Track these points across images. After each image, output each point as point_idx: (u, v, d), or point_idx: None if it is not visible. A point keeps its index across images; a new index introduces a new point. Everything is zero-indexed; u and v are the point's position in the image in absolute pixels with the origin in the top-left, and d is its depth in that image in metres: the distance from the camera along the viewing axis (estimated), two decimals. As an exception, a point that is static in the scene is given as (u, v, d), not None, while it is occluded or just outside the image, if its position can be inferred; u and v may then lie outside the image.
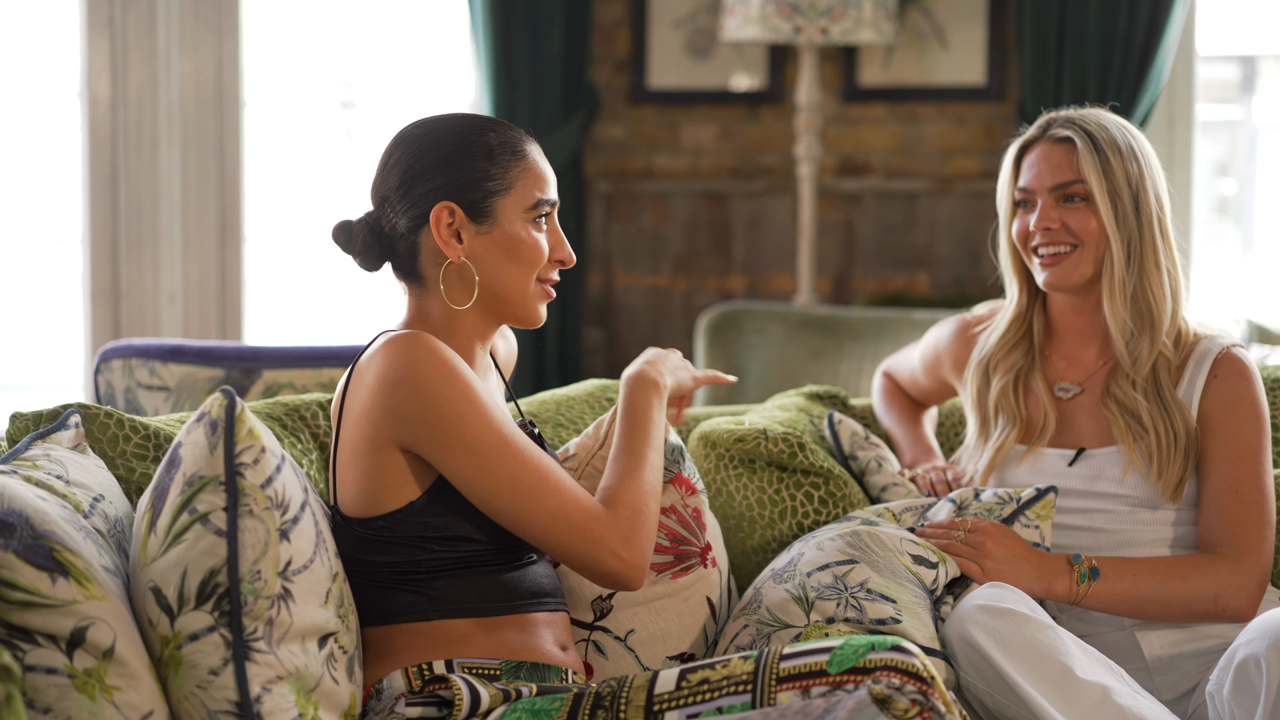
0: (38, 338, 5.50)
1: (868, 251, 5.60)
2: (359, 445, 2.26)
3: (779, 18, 5.01)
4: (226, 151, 5.40)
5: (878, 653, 2.07)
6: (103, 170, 5.31)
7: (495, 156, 2.34)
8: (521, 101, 5.46)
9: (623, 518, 2.30)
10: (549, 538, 2.26)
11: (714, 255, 5.69)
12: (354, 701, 2.20)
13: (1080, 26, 5.12)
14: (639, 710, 2.10)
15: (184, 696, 2.03)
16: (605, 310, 5.75)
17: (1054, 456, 2.82)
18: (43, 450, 2.31)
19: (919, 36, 5.47)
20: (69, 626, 1.97)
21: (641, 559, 2.30)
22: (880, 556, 2.56)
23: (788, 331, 4.89)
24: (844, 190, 5.58)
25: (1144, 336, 2.76)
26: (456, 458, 2.23)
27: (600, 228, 5.73)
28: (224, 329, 5.45)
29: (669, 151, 5.68)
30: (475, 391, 2.24)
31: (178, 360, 3.36)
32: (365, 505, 2.28)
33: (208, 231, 5.40)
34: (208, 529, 2.05)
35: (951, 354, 3.01)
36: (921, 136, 5.53)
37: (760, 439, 2.85)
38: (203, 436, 2.09)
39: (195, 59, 5.34)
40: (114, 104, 5.29)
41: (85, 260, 5.35)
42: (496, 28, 5.39)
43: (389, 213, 2.35)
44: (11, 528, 1.96)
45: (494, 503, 2.24)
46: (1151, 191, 2.75)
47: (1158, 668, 2.69)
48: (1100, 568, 2.65)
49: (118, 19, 5.27)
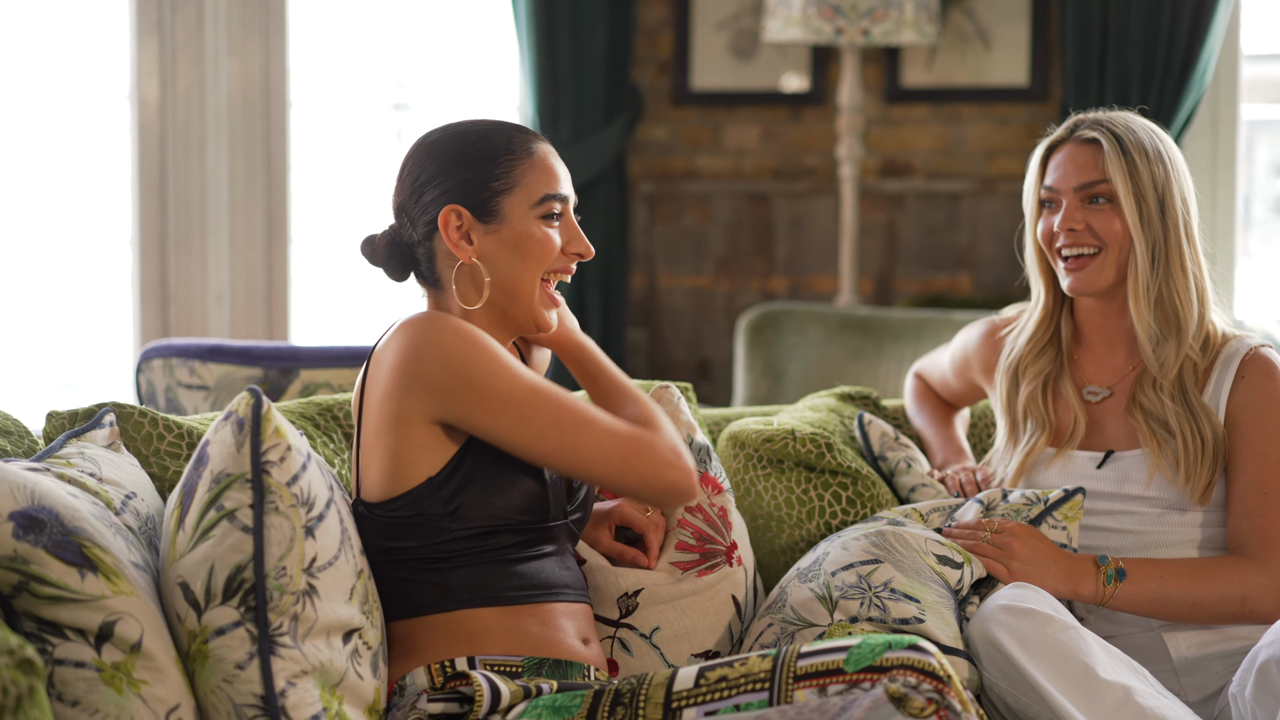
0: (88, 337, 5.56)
1: (910, 252, 5.60)
2: (382, 424, 2.30)
3: (820, 19, 5.02)
4: (273, 153, 5.46)
5: (894, 651, 2.08)
6: (151, 171, 5.37)
7: (497, 157, 2.38)
8: (565, 103, 5.50)
9: (662, 430, 2.35)
10: (604, 467, 2.30)
11: (756, 256, 5.70)
12: (378, 696, 2.23)
13: (1123, 26, 5.10)
14: (658, 707, 2.13)
15: (210, 690, 2.07)
16: (648, 311, 5.77)
17: (1083, 459, 2.83)
18: (77, 448, 2.36)
19: (962, 37, 5.47)
20: (97, 621, 2.01)
21: (692, 465, 2.35)
22: (905, 556, 2.57)
23: (827, 332, 4.90)
24: (886, 191, 5.59)
25: (1170, 340, 2.76)
26: (494, 411, 2.26)
27: (643, 228, 5.75)
28: (270, 329, 5.51)
29: (712, 152, 5.70)
30: (497, 350, 2.29)
31: (217, 360, 3.41)
32: (386, 486, 2.31)
33: (254, 232, 5.46)
34: (234, 526, 2.09)
35: (980, 357, 3.02)
36: (964, 137, 5.52)
37: (788, 439, 2.87)
38: (230, 435, 2.13)
39: (243, 61, 5.40)
40: (163, 106, 5.35)
41: (134, 260, 5.41)
42: (540, 29, 5.42)
43: (406, 222, 2.41)
44: (41, 524, 2.00)
45: (541, 445, 2.28)
46: (1178, 195, 2.75)
47: (1185, 669, 2.69)
48: (1127, 569, 2.65)
49: (167, 22, 5.33)
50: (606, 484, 2.33)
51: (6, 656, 1.66)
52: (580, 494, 2.49)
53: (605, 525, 2.63)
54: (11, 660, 1.66)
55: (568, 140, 5.50)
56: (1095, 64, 5.16)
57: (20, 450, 2.46)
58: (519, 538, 2.35)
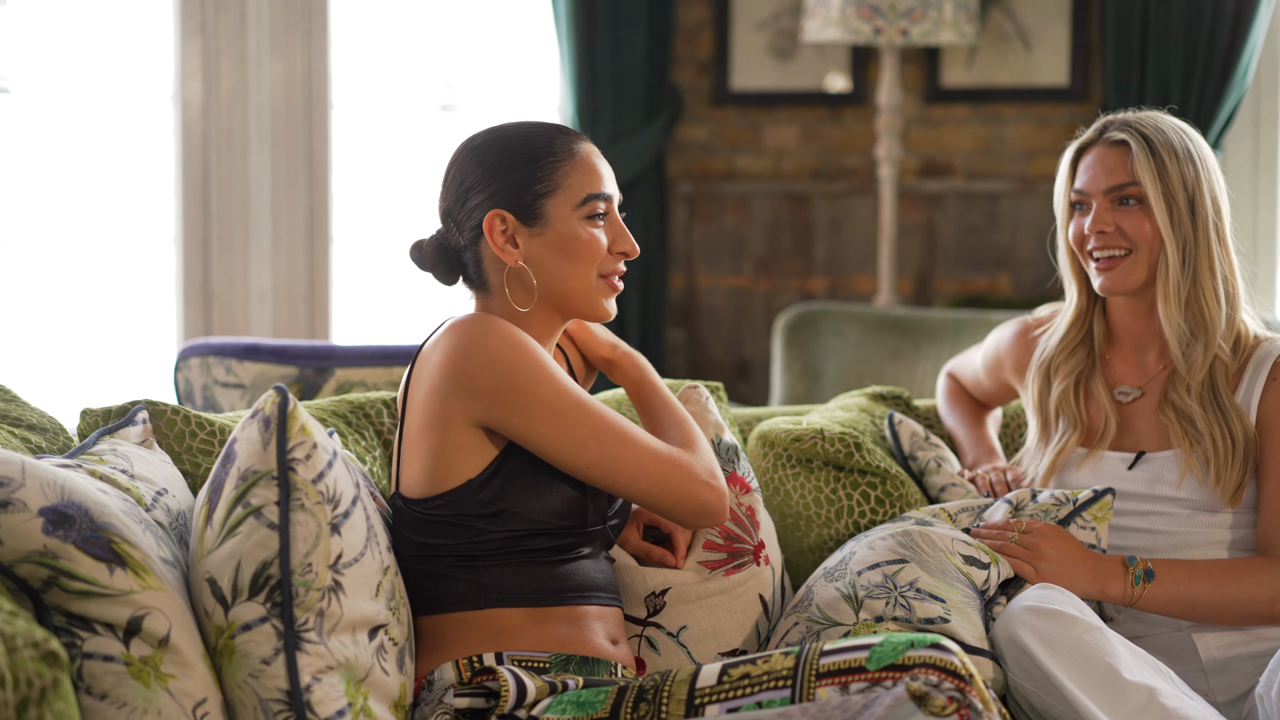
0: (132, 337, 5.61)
1: (949, 252, 5.59)
2: (425, 422, 2.33)
3: (859, 19, 5.02)
4: (315, 153, 5.50)
5: (917, 650, 2.09)
6: (194, 172, 5.42)
7: (539, 160, 2.40)
8: (604, 103, 5.51)
9: (701, 453, 2.40)
10: (640, 483, 2.33)
11: (795, 256, 5.71)
12: (404, 692, 2.25)
13: (1164, 26, 5.09)
14: (680, 703, 2.14)
15: (237, 685, 2.09)
16: (687, 311, 5.78)
17: (1114, 460, 2.83)
18: (109, 445, 2.38)
19: (1002, 37, 5.46)
20: (126, 615, 2.03)
21: (725, 488, 2.42)
22: (931, 556, 2.57)
23: (865, 332, 4.90)
24: (926, 191, 5.58)
25: (1199, 341, 2.75)
26: (537, 420, 2.29)
27: (683, 229, 5.77)
28: (311, 328, 5.55)
29: (751, 153, 5.71)
30: (544, 359, 2.32)
31: (253, 358, 3.44)
32: (426, 485, 2.34)
33: (296, 232, 5.50)
34: (261, 522, 2.11)
35: (1012, 356, 3.02)
36: (1004, 137, 5.52)
37: (817, 439, 2.88)
38: (256, 433, 2.15)
39: (285, 63, 5.43)
40: (206, 107, 5.40)
41: (177, 260, 5.45)
42: (580, 30, 5.44)
43: (452, 227, 2.44)
44: (71, 520, 2.02)
45: (581, 458, 2.31)
46: (1208, 195, 2.75)
47: (1214, 669, 2.68)
48: (1155, 570, 2.65)
49: (209, 24, 5.37)
50: (640, 500, 2.37)
51: (31, 649, 1.69)
52: (620, 500, 2.50)
53: (633, 524, 2.65)
54: (36, 653, 1.69)
55: (607, 141, 5.51)
56: (1136, 64, 5.15)
57: (55, 447, 2.49)
58: (555, 541, 2.37)
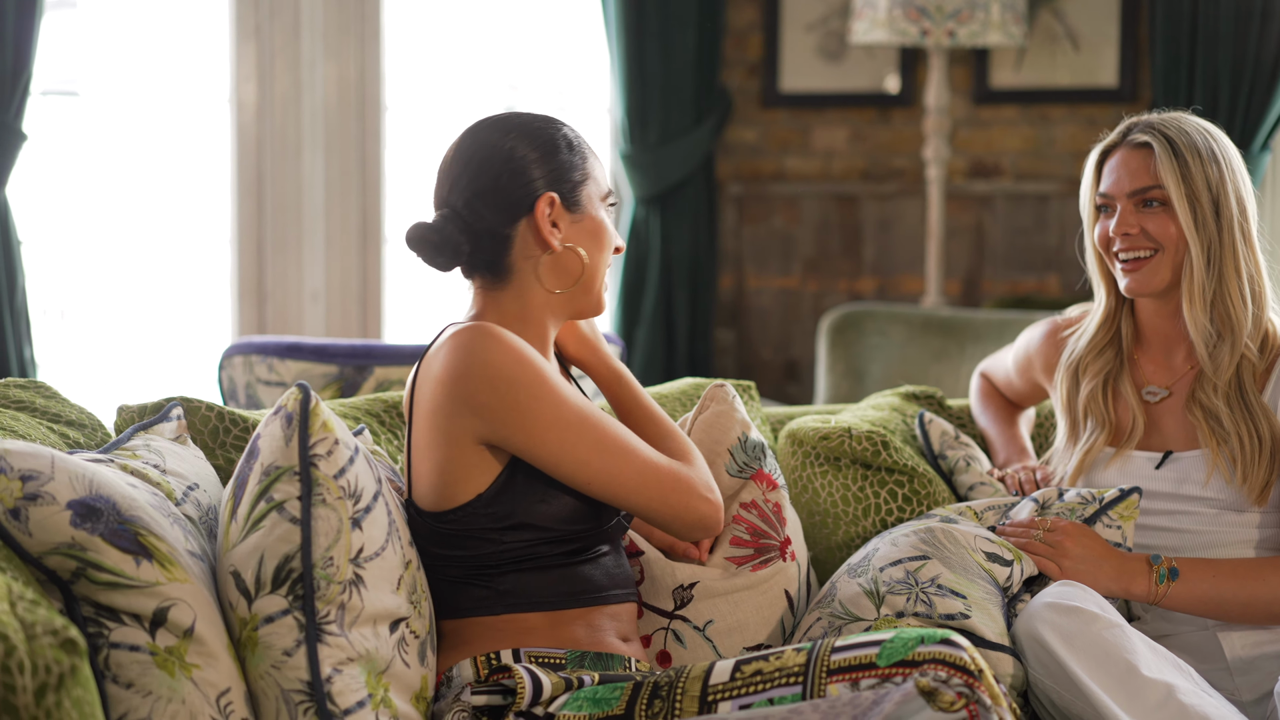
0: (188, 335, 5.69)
1: (998, 253, 5.60)
2: (430, 438, 2.35)
3: (906, 21, 5.04)
4: (368, 155, 5.56)
5: (927, 646, 2.10)
6: (249, 173, 5.49)
7: (575, 150, 2.44)
8: (654, 105, 5.55)
9: (698, 466, 2.44)
10: (641, 496, 2.36)
11: (844, 257, 5.72)
12: (425, 684, 2.29)
13: (1212, 26, 5.07)
14: (694, 700, 2.17)
15: (260, 676, 2.14)
16: (736, 311, 5.81)
17: (1141, 459, 2.83)
18: (143, 441, 2.44)
19: (1051, 38, 5.46)
20: (152, 606, 2.08)
21: (720, 500, 2.46)
22: (953, 553, 2.59)
23: (909, 333, 4.91)
24: (975, 192, 5.59)
25: (1225, 341, 2.76)
26: (539, 435, 2.31)
27: (732, 230, 5.79)
28: (364, 327, 5.61)
29: (800, 154, 5.73)
30: (545, 372, 2.32)
31: (294, 357, 3.49)
32: (437, 500, 2.36)
33: (349, 233, 5.56)
34: (283, 517, 2.15)
35: (1042, 356, 3.03)
36: (1053, 138, 5.51)
37: (844, 437, 2.90)
38: (279, 429, 2.19)
39: (339, 65, 5.50)
40: (260, 109, 5.47)
41: (233, 260, 5.53)
42: (629, 31, 5.48)
43: (480, 209, 2.41)
44: (99, 512, 2.07)
45: (584, 472, 2.33)
46: (1232, 195, 2.75)
47: (1239, 668, 2.69)
48: (1180, 568, 2.66)
49: (265, 27, 5.45)
50: (640, 513, 2.39)
51: (50, 637, 1.74)
52: None
53: None
54: (55, 640, 1.74)
55: (657, 142, 5.55)
56: (1185, 64, 5.14)
57: (93, 442, 2.55)
58: (570, 545, 2.40)
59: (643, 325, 5.63)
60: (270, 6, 5.43)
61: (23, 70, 4.54)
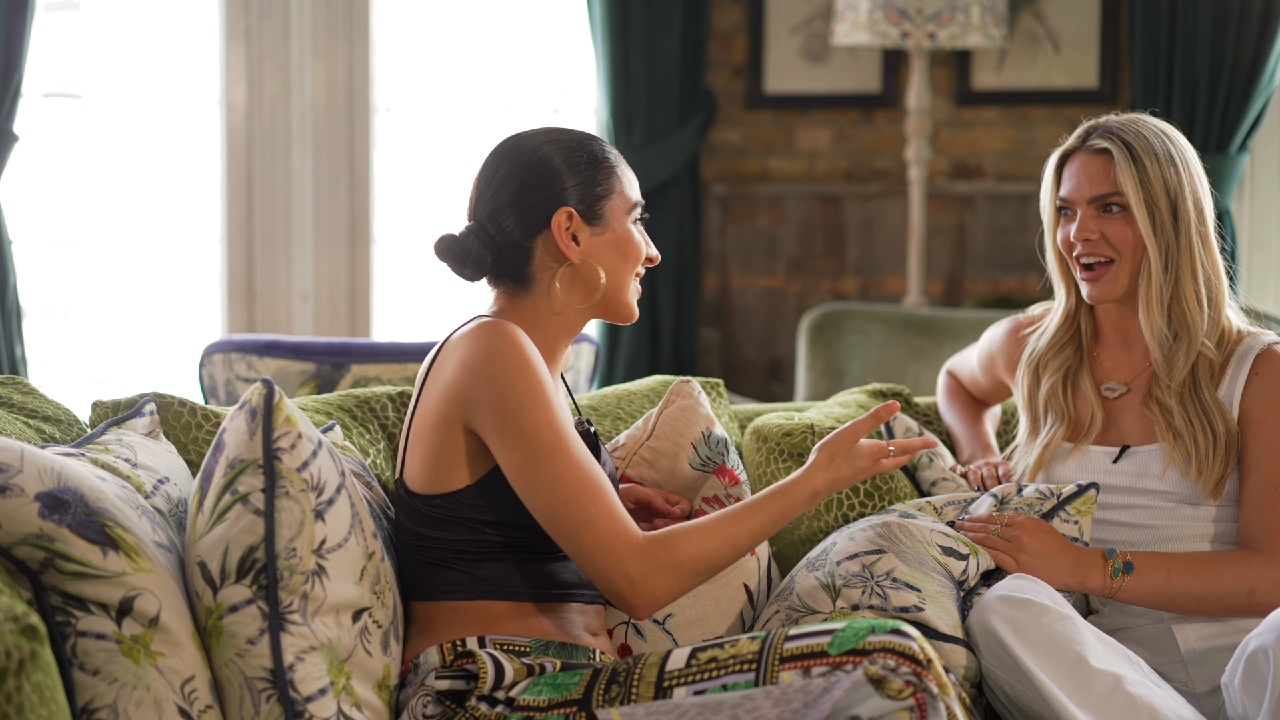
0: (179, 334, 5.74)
1: (979, 253, 5.65)
2: (432, 421, 2.41)
3: (887, 23, 5.08)
4: (356, 155, 5.61)
5: (877, 635, 2.16)
6: (239, 173, 5.55)
7: (599, 164, 2.50)
8: (639, 106, 5.60)
9: (659, 559, 2.34)
10: (572, 542, 2.35)
11: (828, 257, 5.77)
12: (388, 673, 2.35)
13: (1191, 29, 5.12)
14: (650, 686, 2.22)
15: (224, 664, 2.19)
16: (721, 310, 5.86)
17: (1099, 454, 2.88)
18: (116, 435, 2.49)
19: (1032, 40, 5.51)
20: (118, 596, 2.13)
21: (654, 596, 2.35)
22: (908, 547, 2.64)
23: (888, 332, 4.96)
24: (956, 193, 5.64)
25: (1181, 342, 2.81)
26: (509, 446, 2.36)
27: (716, 230, 5.85)
28: (353, 327, 5.66)
29: (784, 155, 5.78)
30: (544, 389, 2.37)
31: (273, 354, 3.55)
32: (427, 482, 2.42)
33: (338, 233, 5.62)
34: (247, 509, 2.21)
35: (1005, 354, 3.08)
36: (1034, 139, 5.56)
37: (807, 433, 2.95)
38: (243, 423, 2.25)
39: (327, 67, 5.56)
40: (250, 110, 5.53)
41: (222, 260, 5.59)
42: (615, 33, 5.53)
43: (503, 222, 2.48)
44: (66, 504, 2.13)
45: (534, 498, 2.36)
46: (1190, 198, 2.80)
47: (1193, 660, 2.74)
48: (1135, 562, 2.71)
49: (254, 29, 5.50)
50: (570, 555, 2.37)
51: (11, 623, 1.79)
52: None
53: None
54: (15, 626, 1.79)
55: (641, 143, 5.60)
56: (1164, 66, 5.19)
57: (69, 437, 2.61)
58: (548, 541, 2.44)
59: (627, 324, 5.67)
60: (260, 9, 5.49)
61: (13, 72, 4.59)
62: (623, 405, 3.07)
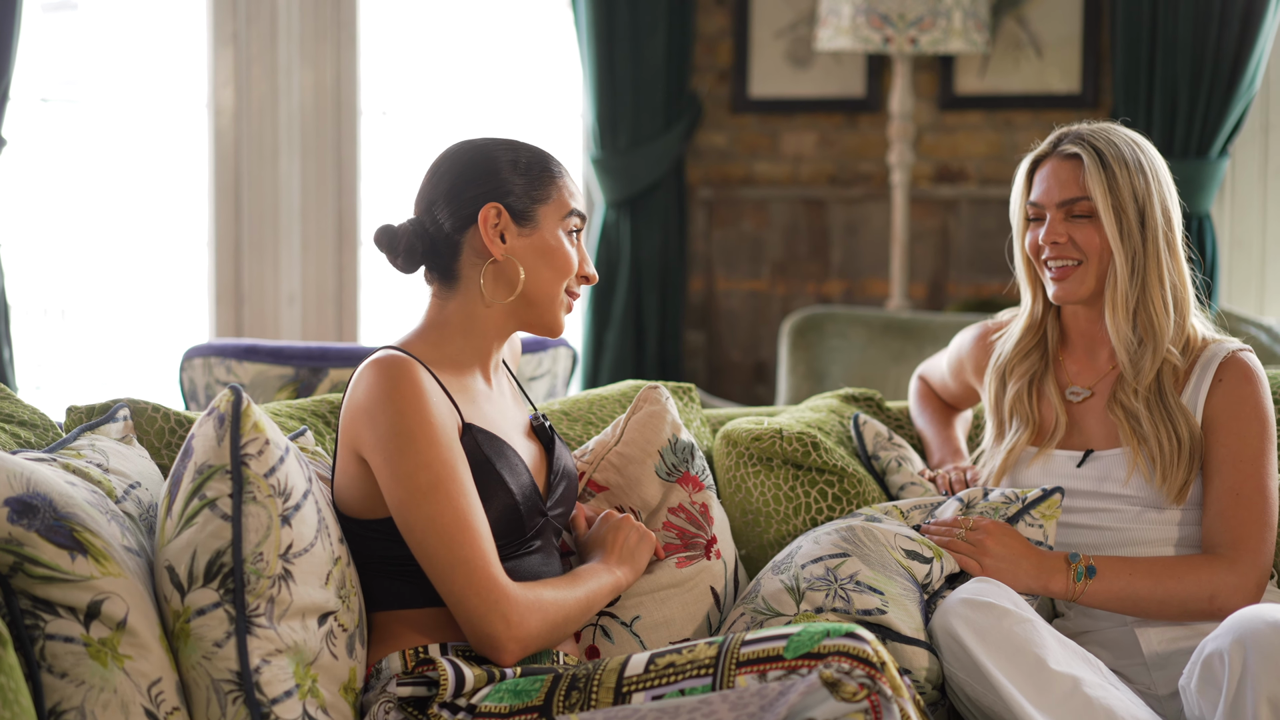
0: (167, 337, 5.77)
1: (962, 257, 5.68)
2: (346, 455, 2.46)
3: (869, 28, 5.12)
4: (344, 159, 5.65)
5: (832, 639, 2.19)
6: (227, 177, 5.58)
7: (541, 171, 2.54)
8: (625, 110, 5.63)
9: (532, 602, 2.40)
10: (446, 581, 2.37)
11: (812, 260, 5.81)
12: (354, 676, 2.38)
13: (1171, 34, 5.16)
14: (609, 691, 2.25)
15: (191, 666, 2.23)
16: (706, 314, 5.89)
17: (1063, 458, 2.92)
18: (88, 440, 2.53)
19: (1014, 45, 5.54)
20: (86, 600, 2.17)
21: (527, 639, 2.39)
22: (872, 551, 2.68)
23: (870, 335, 4.99)
24: (940, 197, 5.67)
25: (1146, 348, 2.84)
26: (387, 485, 2.39)
27: (702, 233, 5.88)
28: (340, 330, 5.69)
29: (769, 159, 5.81)
30: (428, 428, 2.38)
31: (252, 359, 3.58)
32: (359, 510, 2.46)
33: (326, 236, 5.65)
34: (215, 514, 2.24)
35: (973, 359, 3.11)
36: (1017, 144, 5.59)
37: (775, 438, 2.99)
38: (212, 429, 2.28)
39: (315, 70, 5.59)
40: (237, 114, 5.56)
41: (209, 263, 5.62)
42: (600, 38, 5.56)
43: (437, 215, 2.54)
44: (35, 509, 2.16)
45: (410, 535, 2.39)
46: (1158, 206, 2.83)
47: (1156, 663, 2.77)
48: (1097, 566, 2.74)
49: (241, 33, 5.53)
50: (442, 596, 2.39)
51: (-26, 627, 1.83)
52: (558, 490, 2.61)
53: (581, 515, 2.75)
54: (-21, 631, 1.83)
55: (627, 147, 5.63)
56: (1145, 71, 5.22)
57: (44, 441, 2.64)
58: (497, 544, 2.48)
59: (613, 327, 5.71)
60: (247, 12, 5.52)
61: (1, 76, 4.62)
62: (594, 410, 3.10)
